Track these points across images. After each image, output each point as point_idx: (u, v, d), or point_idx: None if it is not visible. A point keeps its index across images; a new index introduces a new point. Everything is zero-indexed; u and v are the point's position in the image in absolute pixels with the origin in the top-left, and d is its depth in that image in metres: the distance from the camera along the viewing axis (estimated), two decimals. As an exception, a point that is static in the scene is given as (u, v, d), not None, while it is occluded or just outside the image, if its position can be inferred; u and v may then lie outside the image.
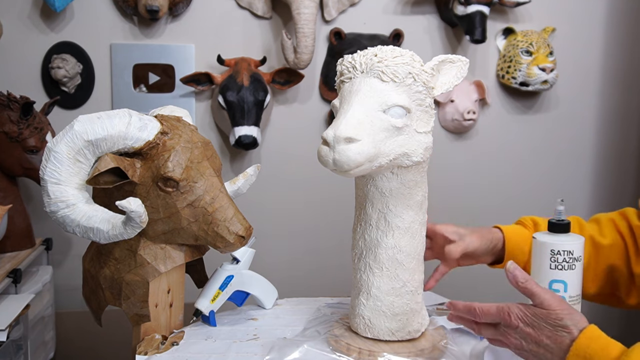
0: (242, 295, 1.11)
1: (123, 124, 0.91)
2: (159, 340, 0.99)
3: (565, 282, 0.83)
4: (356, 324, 0.96)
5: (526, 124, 2.13)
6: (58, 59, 1.81)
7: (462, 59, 0.93)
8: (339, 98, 0.88)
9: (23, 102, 1.55)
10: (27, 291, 1.51)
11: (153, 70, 1.90)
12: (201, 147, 0.98)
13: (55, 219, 0.91)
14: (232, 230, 0.95)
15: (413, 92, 0.86)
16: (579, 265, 0.84)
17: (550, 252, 0.83)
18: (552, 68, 1.98)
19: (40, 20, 1.84)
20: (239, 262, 1.09)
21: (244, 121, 1.78)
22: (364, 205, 0.93)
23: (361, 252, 0.95)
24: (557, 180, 2.16)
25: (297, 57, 1.79)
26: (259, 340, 1.00)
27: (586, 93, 2.16)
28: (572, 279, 0.83)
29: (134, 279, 0.97)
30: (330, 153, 0.81)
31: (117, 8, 1.87)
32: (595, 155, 2.20)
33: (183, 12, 1.90)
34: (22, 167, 1.59)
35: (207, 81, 1.86)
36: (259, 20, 1.95)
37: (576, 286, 0.84)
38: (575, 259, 0.83)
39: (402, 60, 0.85)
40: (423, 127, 0.88)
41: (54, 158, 0.89)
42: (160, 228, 0.96)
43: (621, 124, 2.19)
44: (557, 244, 0.83)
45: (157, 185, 0.93)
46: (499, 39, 2.06)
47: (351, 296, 0.99)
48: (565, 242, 0.83)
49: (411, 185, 0.91)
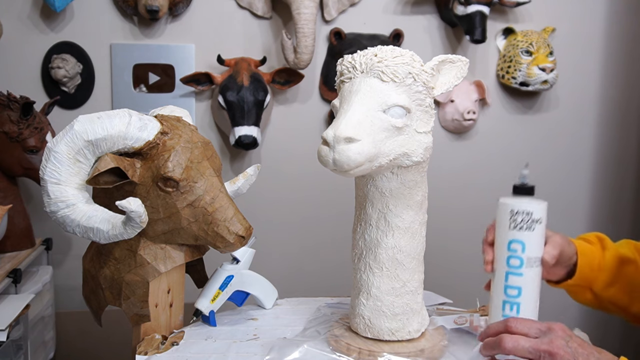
0: (242, 295, 1.11)
1: (123, 124, 0.91)
2: (159, 340, 0.99)
3: (524, 242, 0.83)
4: (356, 324, 0.96)
5: (526, 124, 2.13)
6: (58, 59, 1.81)
7: (462, 59, 0.93)
8: (339, 98, 0.88)
9: (23, 102, 1.55)
10: (27, 291, 1.51)
11: (153, 70, 1.90)
12: (201, 147, 0.98)
13: (55, 219, 0.91)
14: (232, 230, 0.95)
15: (413, 92, 0.86)
16: (538, 228, 0.83)
17: (510, 212, 0.83)
18: (552, 68, 1.98)
19: (40, 20, 1.84)
20: (239, 262, 1.10)
21: (244, 121, 1.78)
22: (364, 205, 0.93)
23: (361, 252, 0.95)
24: (557, 180, 2.16)
25: (297, 57, 1.79)
26: (259, 340, 1.00)
27: (586, 93, 2.16)
28: (531, 240, 0.83)
29: (134, 279, 0.97)
30: (330, 153, 0.81)
31: (117, 8, 1.87)
32: (595, 155, 2.19)
33: (183, 12, 1.90)
34: (22, 167, 1.59)
35: (207, 81, 1.86)
36: (259, 20, 1.95)
37: (535, 248, 0.84)
38: (534, 220, 0.83)
39: (402, 60, 0.85)
40: (423, 127, 0.88)
41: (54, 158, 0.89)
42: (160, 228, 0.96)
43: (621, 124, 2.19)
44: (516, 205, 0.83)
45: (157, 185, 0.93)
46: (499, 39, 2.06)
47: (351, 296, 0.99)
48: (524, 203, 0.83)
49: (411, 185, 0.91)
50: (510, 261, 0.84)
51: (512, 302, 0.84)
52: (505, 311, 0.85)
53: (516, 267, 0.83)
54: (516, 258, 0.83)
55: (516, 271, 0.84)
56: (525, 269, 0.83)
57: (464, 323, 1.02)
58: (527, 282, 0.83)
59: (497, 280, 0.85)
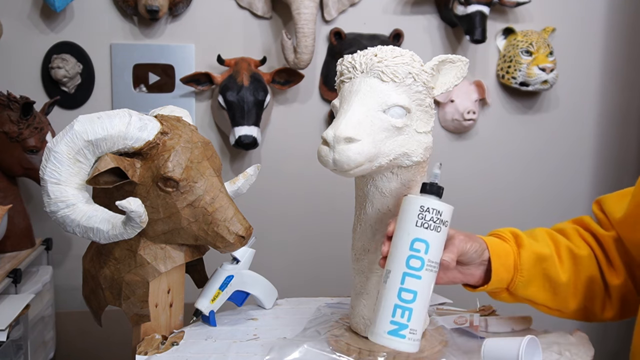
0: (242, 295, 1.11)
1: (123, 124, 0.91)
2: (159, 340, 0.99)
3: (428, 242, 0.78)
4: (356, 324, 0.96)
5: (526, 124, 2.13)
6: (58, 59, 1.81)
7: (462, 59, 0.93)
8: (339, 98, 0.88)
9: (23, 102, 1.55)
10: (27, 291, 1.51)
11: (153, 70, 1.90)
12: (201, 147, 0.98)
13: (55, 219, 0.91)
14: (232, 230, 0.95)
15: (413, 92, 0.86)
16: (443, 230, 0.80)
17: (419, 207, 0.79)
18: (552, 68, 1.98)
19: (40, 20, 1.84)
20: (239, 262, 1.10)
21: (244, 121, 1.78)
22: (364, 205, 0.93)
23: (361, 252, 0.95)
24: (557, 180, 2.16)
25: (297, 57, 1.79)
26: (259, 340, 1.00)
27: (586, 93, 2.16)
28: (435, 242, 0.79)
29: (134, 279, 0.97)
30: (330, 153, 0.81)
31: (117, 8, 1.87)
32: (595, 154, 2.19)
33: (183, 12, 1.90)
34: (22, 167, 1.59)
35: (207, 81, 1.86)
36: (259, 20, 1.95)
37: (437, 251, 0.80)
38: (442, 220, 0.79)
39: (402, 60, 0.85)
40: (423, 127, 0.88)
41: (54, 158, 0.89)
42: (160, 228, 0.96)
43: (621, 124, 2.19)
44: (428, 201, 0.79)
45: (157, 185, 0.93)
46: (499, 39, 2.06)
47: (351, 296, 0.99)
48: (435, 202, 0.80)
49: (411, 185, 0.91)
50: (410, 261, 0.78)
51: (405, 308, 0.77)
52: (395, 317, 0.78)
53: (416, 269, 0.78)
54: (417, 259, 0.78)
55: (415, 273, 0.78)
56: (424, 271, 0.78)
57: (464, 323, 1.02)
58: (424, 286, 0.79)
59: (391, 281, 0.79)
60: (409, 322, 0.78)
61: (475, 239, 0.91)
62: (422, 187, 0.83)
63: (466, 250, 0.88)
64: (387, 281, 0.80)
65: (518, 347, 0.82)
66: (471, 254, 0.89)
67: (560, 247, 1.00)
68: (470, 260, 0.91)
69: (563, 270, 0.98)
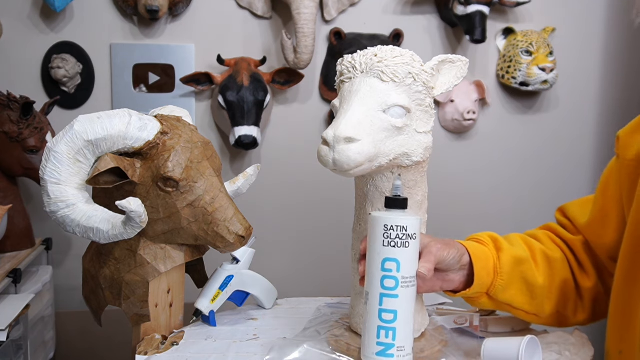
0: (242, 295, 1.11)
1: (123, 124, 0.91)
2: (159, 340, 0.99)
3: (399, 260, 0.78)
4: (356, 324, 0.96)
5: (526, 124, 2.13)
6: (58, 59, 1.81)
7: (462, 59, 0.93)
8: (339, 98, 0.88)
9: (23, 102, 1.55)
10: (27, 291, 1.51)
11: (153, 70, 1.90)
12: (201, 147, 0.98)
13: (55, 219, 0.91)
14: (232, 230, 0.95)
15: (413, 92, 0.86)
16: (413, 244, 0.79)
17: (383, 227, 0.78)
18: (552, 68, 1.98)
19: (40, 20, 1.84)
20: (239, 262, 1.10)
21: (244, 121, 1.78)
22: (364, 205, 0.93)
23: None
24: (557, 180, 2.16)
25: (297, 57, 1.79)
26: (259, 340, 1.00)
27: (586, 93, 2.16)
28: (406, 258, 0.78)
29: (134, 279, 0.97)
30: (330, 153, 0.81)
31: (117, 8, 1.87)
32: (595, 155, 2.19)
33: (183, 12, 1.90)
34: (22, 167, 1.59)
35: (207, 81, 1.86)
36: (259, 20, 1.95)
37: (410, 266, 0.79)
38: (409, 235, 0.78)
39: (402, 60, 0.85)
40: (423, 127, 0.88)
41: (54, 158, 0.89)
42: (160, 228, 0.96)
43: (621, 124, 2.18)
44: (390, 219, 0.78)
45: (157, 185, 0.93)
46: (499, 39, 2.06)
47: (351, 296, 0.99)
48: (399, 217, 0.78)
49: (411, 185, 0.91)
50: (384, 282, 0.79)
51: (388, 328, 0.78)
52: (380, 338, 0.79)
53: (391, 289, 0.78)
54: (391, 279, 0.78)
55: (391, 293, 0.78)
56: (400, 289, 0.78)
57: (464, 323, 1.02)
58: (403, 303, 0.79)
59: (370, 303, 0.80)
60: (394, 340, 0.78)
61: (452, 245, 0.90)
62: (385, 201, 0.82)
63: (444, 258, 0.87)
64: (367, 303, 0.81)
65: (518, 347, 0.82)
66: (449, 260, 0.88)
67: (535, 251, 1.00)
68: (449, 267, 0.90)
69: (539, 273, 0.98)
